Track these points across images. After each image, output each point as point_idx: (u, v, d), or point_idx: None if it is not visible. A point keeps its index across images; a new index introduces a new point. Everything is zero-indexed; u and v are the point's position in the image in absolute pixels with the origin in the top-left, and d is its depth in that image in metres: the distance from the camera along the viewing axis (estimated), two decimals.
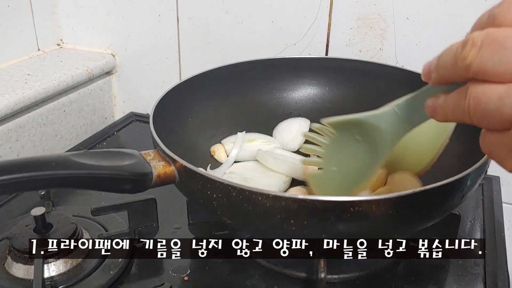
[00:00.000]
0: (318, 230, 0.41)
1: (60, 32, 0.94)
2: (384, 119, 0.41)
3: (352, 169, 0.47)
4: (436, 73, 0.31)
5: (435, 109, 0.32)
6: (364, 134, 0.44)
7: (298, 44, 0.78)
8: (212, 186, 0.42)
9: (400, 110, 0.39)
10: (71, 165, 0.40)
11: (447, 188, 0.41)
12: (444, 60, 0.30)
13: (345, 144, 0.46)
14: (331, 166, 0.49)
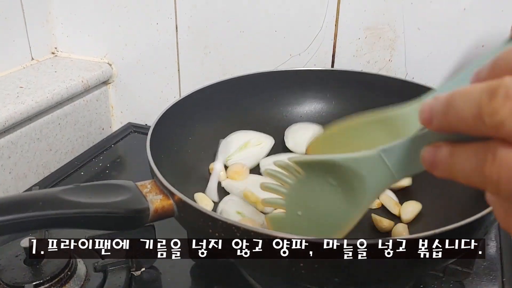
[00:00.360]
0: (329, 274, 0.38)
1: (54, 40, 0.91)
2: (366, 164, 0.35)
3: (322, 216, 0.41)
4: (444, 120, 0.24)
5: (435, 163, 0.26)
6: (340, 179, 0.38)
7: (303, 54, 0.74)
8: (214, 225, 0.38)
9: (388, 157, 0.33)
10: (60, 204, 0.37)
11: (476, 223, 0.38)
12: (459, 108, 0.23)
13: (314, 186, 0.40)
14: (296, 210, 0.42)
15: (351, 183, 0.37)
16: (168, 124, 0.57)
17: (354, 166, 0.36)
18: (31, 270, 0.51)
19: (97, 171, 0.77)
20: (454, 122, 0.24)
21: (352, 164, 0.36)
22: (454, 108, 0.23)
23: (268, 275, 0.48)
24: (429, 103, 0.25)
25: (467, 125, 0.23)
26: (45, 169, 0.79)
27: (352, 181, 0.37)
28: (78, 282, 0.52)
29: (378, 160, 0.34)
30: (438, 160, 0.26)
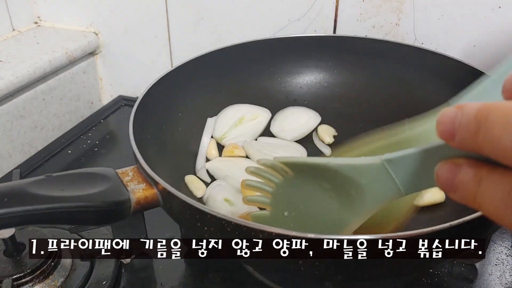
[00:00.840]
0: (331, 271, 0.34)
1: (36, 8, 0.84)
2: (366, 174, 0.31)
3: (311, 219, 0.36)
4: (469, 140, 0.20)
5: (453, 186, 0.21)
6: (334, 184, 0.33)
7: (302, 19, 0.68)
8: (202, 218, 0.34)
9: (393, 168, 0.29)
10: (29, 199, 0.32)
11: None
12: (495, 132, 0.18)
13: (304, 188, 0.36)
14: (282, 210, 0.38)
15: (348, 190, 0.32)
16: (155, 100, 0.52)
17: (352, 174, 0.32)
18: (12, 262, 0.47)
19: (86, 149, 0.73)
20: (484, 146, 0.19)
21: (349, 172, 0.32)
22: (487, 129, 0.19)
23: (266, 271, 0.45)
24: (452, 114, 0.20)
25: (503, 155, 0.18)
26: (31, 148, 0.74)
27: (349, 189, 0.32)
28: (63, 273, 0.49)
29: (381, 170, 0.29)
30: (459, 182, 0.21)
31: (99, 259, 0.50)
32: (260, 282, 0.48)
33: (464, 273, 0.49)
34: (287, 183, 0.37)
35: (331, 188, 0.34)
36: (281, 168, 0.36)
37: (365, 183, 0.31)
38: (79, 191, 0.35)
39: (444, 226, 0.32)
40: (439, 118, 0.21)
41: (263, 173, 0.37)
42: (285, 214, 0.37)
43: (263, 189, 0.38)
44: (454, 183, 0.22)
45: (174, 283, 0.49)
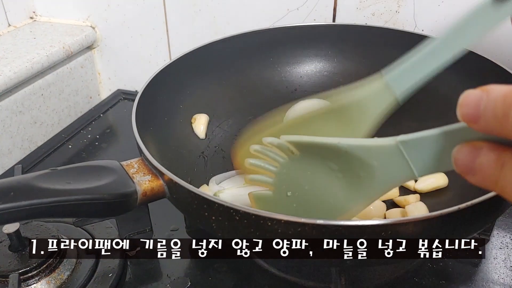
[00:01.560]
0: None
1: (32, 3, 0.84)
2: (379, 155, 0.30)
3: (315, 200, 0.36)
4: (495, 125, 0.19)
5: (473, 169, 0.21)
6: (343, 165, 0.33)
7: (301, 8, 0.68)
8: (210, 208, 0.34)
9: (407, 150, 0.28)
10: (35, 193, 0.32)
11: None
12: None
13: (310, 168, 0.35)
14: (285, 190, 0.37)
15: (356, 172, 0.32)
16: (156, 92, 0.52)
17: (363, 155, 0.31)
18: (17, 256, 0.47)
19: (86, 144, 0.72)
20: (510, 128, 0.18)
21: (361, 153, 0.31)
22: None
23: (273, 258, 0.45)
24: (477, 97, 0.20)
25: None
26: (31, 144, 0.74)
27: (358, 170, 0.32)
28: (69, 267, 0.49)
29: (395, 152, 0.28)
30: (479, 166, 0.21)
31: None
32: (266, 271, 0.48)
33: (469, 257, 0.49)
34: (293, 163, 0.36)
35: (338, 169, 0.33)
36: (287, 147, 0.35)
37: (377, 164, 0.30)
38: (85, 184, 0.35)
39: (452, 210, 0.32)
40: (462, 101, 0.21)
41: (268, 152, 0.36)
42: (288, 194, 0.37)
43: (267, 169, 0.37)
44: (474, 166, 0.21)
45: (180, 274, 0.49)
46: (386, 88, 0.41)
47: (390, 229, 0.31)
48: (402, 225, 0.31)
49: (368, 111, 0.42)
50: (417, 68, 0.41)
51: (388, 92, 0.41)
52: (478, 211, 0.34)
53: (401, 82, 0.41)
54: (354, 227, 0.31)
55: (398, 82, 0.41)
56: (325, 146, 0.33)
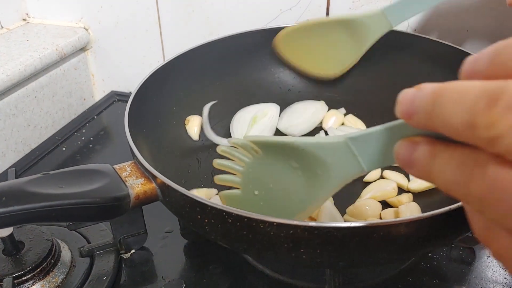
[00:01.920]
0: (334, 258, 0.34)
1: (24, 5, 0.83)
2: (331, 152, 0.32)
3: (280, 198, 0.37)
4: (425, 119, 0.21)
5: (411, 162, 0.22)
6: (302, 163, 0.34)
7: (294, 8, 0.68)
8: (203, 211, 0.34)
9: (356, 146, 0.30)
10: (27, 198, 0.32)
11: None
12: (448, 109, 0.19)
13: (273, 167, 0.36)
14: (252, 189, 0.39)
15: (314, 169, 0.33)
16: (149, 94, 0.52)
17: (317, 152, 0.32)
18: (11, 260, 0.47)
19: (80, 146, 0.72)
20: (438, 124, 0.20)
21: (315, 150, 0.32)
22: (440, 108, 0.20)
23: (267, 258, 0.45)
24: (411, 94, 0.21)
25: (454, 131, 0.19)
26: (25, 146, 0.74)
27: (315, 167, 0.33)
28: (63, 270, 0.49)
29: (345, 149, 0.30)
30: (415, 159, 0.22)
31: (99, 255, 0.50)
32: (261, 272, 0.48)
33: (463, 256, 0.50)
34: (257, 162, 0.37)
35: (298, 167, 0.35)
36: (251, 147, 0.37)
37: (330, 161, 0.32)
38: (77, 188, 0.35)
39: (443, 211, 0.32)
40: (399, 99, 0.22)
41: (234, 152, 0.38)
42: (255, 193, 0.38)
43: (233, 169, 0.39)
44: (411, 160, 0.22)
45: (175, 276, 0.49)
46: (383, 16, 0.55)
47: (381, 230, 0.31)
48: (394, 226, 0.31)
49: (368, 29, 0.56)
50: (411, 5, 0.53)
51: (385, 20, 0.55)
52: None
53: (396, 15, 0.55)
54: (346, 229, 0.31)
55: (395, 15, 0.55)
56: (284, 144, 0.35)
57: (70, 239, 0.52)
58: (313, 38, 0.59)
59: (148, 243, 0.53)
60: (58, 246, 0.50)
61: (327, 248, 0.33)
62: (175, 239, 0.53)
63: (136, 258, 0.52)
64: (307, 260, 0.34)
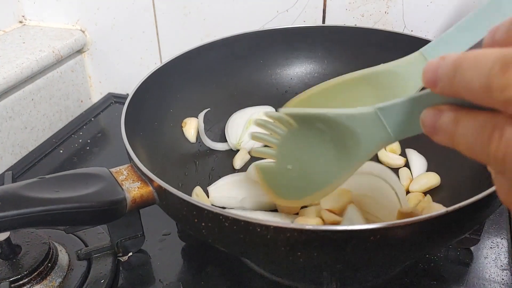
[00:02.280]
0: (331, 262, 0.34)
1: (21, 7, 0.83)
2: (361, 122, 0.33)
3: (312, 171, 0.39)
4: (449, 85, 0.22)
5: (436, 128, 0.24)
6: (333, 134, 0.35)
7: (291, 10, 0.68)
8: (199, 214, 0.34)
9: (385, 116, 0.31)
10: (23, 202, 0.32)
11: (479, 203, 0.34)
12: (467, 75, 0.21)
13: (307, 140, 0.37)
14: (286, 163, 0.40)
15: (344, 140, 0.34)
16: (146, 97, 0.52)
17: (348, 122, 0.33)
18: (8, 264, 0.47)
19: (78, 148, 0.72)
20: (460, 89, 0.21)
21: (345, 120, 0.33)
22: (461, 74, 0.21)
23: (263, 262, 0.45)
24: (435, 64, 0.23)
25: (473, 95, 0.21)
26: (22, 149, 0.74)
27: (345, 138, 0.34)
28: (61, 274, 0.48)
29: (374, 118, 0.31)
30: (440, 125, 0.24)
31: (96, 258, 0.50)
32: (259, 275, 0.48)
33: (460, 257, 0.50)
34: (292, 135, 0.38)
35: (330, 139, 0.36)
36: (286, 120, 0.37)
37: (360, 131, 0.33)
38: (73, 192, 0.35)
39: (439, 213, 0.32)
40: (425, 68, 0.23)
41: (269, 125, 0.39)
42: (289, 167, 0.39)
43: (269, 141, 0.40)
44: (436, 126, 0.24)
45: (173, 278, 0.49)
46: (421, 56, 0.46)
47: (378, 233, 0.31)
48: (391, 229, 0.31)
49: (403, 77, 0.47)
50: (452, 41, 0.45)
51: (424, 61, 0.46)
52: (467, 213, 0.34)
53: (436, 52, 0.46)
54: (343, 232, 0.31)
55: (433, 52, 0.46)
56: (317, 116, 0.35)
57: (67, 242, 0.52)
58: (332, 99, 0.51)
59: (145, 246, 0.52)
60: (55, 249, 0.49)
61: (324, 251, 0.32)
62: (172, 242, 0.53)
63: (133, 261, 0.52)
64: (304, 263, 0.34)
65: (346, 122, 0.33)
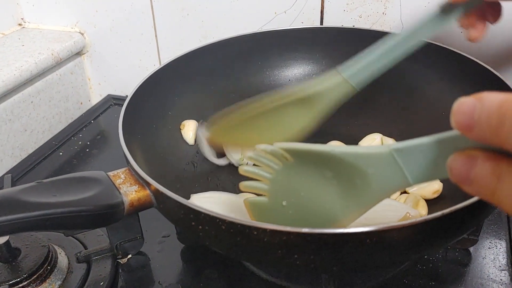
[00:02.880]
0: (328, 264, 0.34)
1: (20, 10, 0.83)
2: (374, 163, 0.30)
3: (311, 209, 0.35)
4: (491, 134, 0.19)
5: (469, 179, 0.21)
6: (338, 172, 0.32)
7: (289, 11, 0.68)
8: (196, 217, 0.34)
9: (402, 158, 0.28)
10: (20, 207, 0.32)
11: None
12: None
13: (305, 175, 0.34)
14: (281, 199, 0.36)
15: (352, 179, 0.32)
16: (144, 99, 0.52)
17: (357, 162, 0.31)
18: (7, 267, 0.47)
19: (77, 150, 0.72)
20: (508, 141, 0.18)
21: (355, 160, 0.31)
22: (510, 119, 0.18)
23: (261, 265, 0.45)
24: (471, 105, 0.19)
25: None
26: (22, 151, 0.74)
27: (353, 178, 0.31)
28: (60, 276, 0.49)
29: (389, 160, 0.28)
30: (475, 177, 0.20)
31: (96, 260, 0.51)
32: (257, 277, 0.48)
33: (459, 257, 0.50)
34: (287, 169, 0.35)
35: (333, 176, 0.33)
36: (281, 154, 0.35)
37: (372, 172, 0.30)
38: (71, 196, 0.35)
39: (436, 215, 0.32)
40: (456, 108, 0.20)
41: (262, 159, 0.36)
42: (284, 203, 0.36)
43: (261, 176, 0.36)
44: (470, 177, 0.21)
45: (172, 280, 0.49)
46: (344, 82, 0.48)
47: (374, 236, 0.31)
48: (387, 231, 0.31)
49: (329, 99, 0.49)
50: (372, 65, 0.48)
51: (346, 85, 0.48)
52: (464, 215, 0.34)
53: (358, 76, 0.48)
54: (339, 235, 0.31)
55: (356, 77, 0.48)
56: (319, 153, 0.33)
57: (66, 244, 0.52)
58: (253, 122, 0.50)
59: (145, 248, 0.53)
60: (54, 252, 0.50)
61: (320, 254, 0.33)
62: (172, 244, 0.54)
63: (133, 263, 0.52)
64: (301, 265, 0.34)
65: (355, 161, 0.31)
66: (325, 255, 0.33)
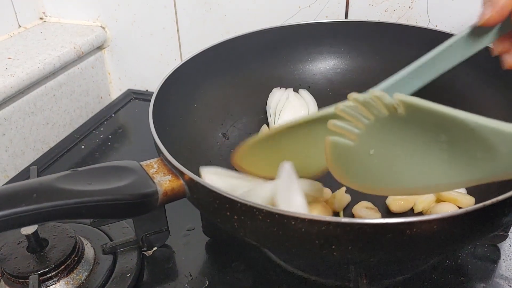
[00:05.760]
0: (365, 255, 0.34)
1: (41, 4, 0.84)
2: (509, 142, 0.28)
3: (403, 165, 0.33)
4: None
5: None
6: (456, 139, 0.30)
7: (313, 5, 0.68)
8: (232, 207, 0.34)
9: None
10: (57, 195, 0.32)
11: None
12: None
13: (410, 131, 0.31)
14: (369, 146, 0.34)
15: (472, 151, 0.29)
16: (171, 92, 0.52)
17: (491, 137, 0.28)
18: (35, 257, 0.47)
19: (99, 144, 0.72)
20: None
21: (490, 136, 0.28)
22: None
23: (296, 256, 0.45)
24: None
25: None
26: (43, 145, 0.74)
27: (475, 150, 0.29)
28: (87, 267, 0.49)
29: None
30: None
31: (122, 252, 0.51)
32: (284, 269, 0.48)
33: (487, 254, 0.49)
34: (389, 121, 0.32)
35: (447, 140, 0.31)
36: (380, 105, 0.32)
37: (503, 152, 0.28)
38: (106, 185, 0.35)
39: (477, 207, 0.31)
40: None
41: (352, 111, 0.33)
42: (371, 152, 0.34)
43: (350, 131, 0.34)
44: None
45: (198, 273, 0.49)
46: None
47: (415, 227, 0.31)
48: (427, 222, 0.31)
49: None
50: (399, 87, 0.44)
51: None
52: (501, 208, 0.34)
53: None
54: (379, 226, 0.31)
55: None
56: (447, 117, 0.30)
57: (92, 236, 0.52)
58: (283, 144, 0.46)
59: (170, 241, 0.53)
60: (81, 243, 0.50)
61: (358, 244, 0.32)
62: (197, 237, 0.53)
63: (158, 255, 0.52)
64: (337, 256, 0.34)
65: (489, 136, 0.29)
66: (364, 245, 0.32)
